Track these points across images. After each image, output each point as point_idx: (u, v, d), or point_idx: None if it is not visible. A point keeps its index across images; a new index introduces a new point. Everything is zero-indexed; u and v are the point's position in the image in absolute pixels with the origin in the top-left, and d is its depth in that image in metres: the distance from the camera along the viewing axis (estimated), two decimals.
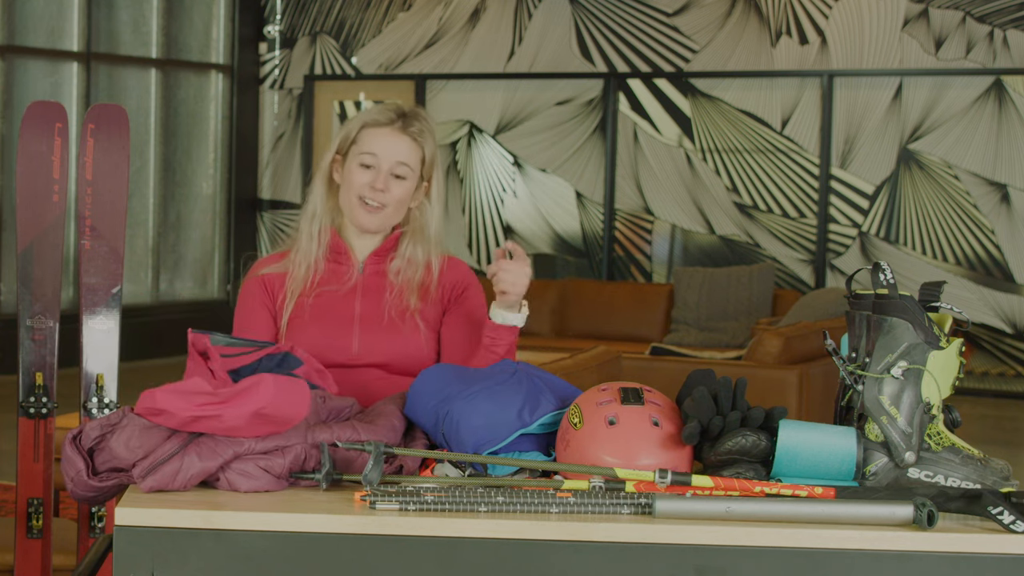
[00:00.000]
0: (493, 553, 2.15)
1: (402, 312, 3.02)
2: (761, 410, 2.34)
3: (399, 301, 3.03)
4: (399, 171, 3.00)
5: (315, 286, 3.05)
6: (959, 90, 10.19)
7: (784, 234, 10.68)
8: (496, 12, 11.51)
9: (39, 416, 3.46)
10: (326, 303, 3.02)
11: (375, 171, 3.00)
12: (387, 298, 3.02)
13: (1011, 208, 10.06)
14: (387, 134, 3.00)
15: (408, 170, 3.01)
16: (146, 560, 2.16)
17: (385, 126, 3.01)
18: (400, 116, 3.02)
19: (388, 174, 3.00)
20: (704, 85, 10.91)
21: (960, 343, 2.36)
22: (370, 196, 3.00)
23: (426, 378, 2.59)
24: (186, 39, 11.88)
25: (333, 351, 2.97)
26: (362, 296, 3.04)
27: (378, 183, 2.99)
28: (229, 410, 2.26)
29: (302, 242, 3.07)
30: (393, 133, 3.00)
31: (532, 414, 2.45)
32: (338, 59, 12.07)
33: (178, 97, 11.83)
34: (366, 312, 3.02)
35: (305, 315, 3.02)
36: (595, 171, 11.22)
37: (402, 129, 3.00)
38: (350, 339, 2.98)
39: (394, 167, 3.00)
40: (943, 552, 2.14)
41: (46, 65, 10.87)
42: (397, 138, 3.00)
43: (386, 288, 3.04)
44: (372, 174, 3.00)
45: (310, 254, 3.06)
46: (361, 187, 3.00)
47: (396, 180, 3.00)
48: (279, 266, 3.08)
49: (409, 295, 3.02)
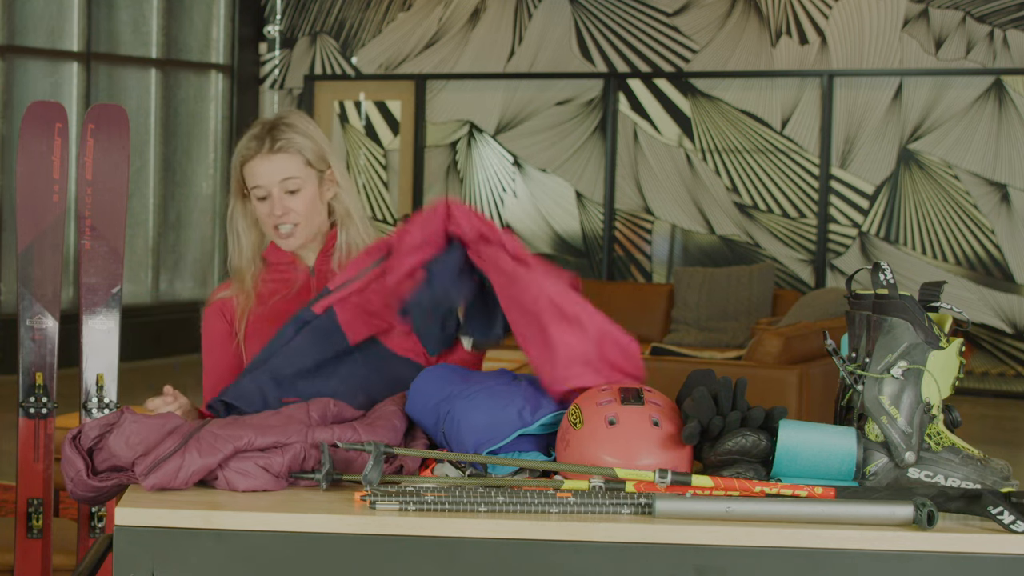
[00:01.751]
0: (493, 553, 2.15)
1: None
2: (761, 410, 2.34)
3: None
4: (289, 186, 3.01)
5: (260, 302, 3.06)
6: (959, 90, 10.19)
7: (784, 234, 10.68)
8: (496, 12, 11.51)
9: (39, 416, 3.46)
10: (280, 308, 3.03)
11: (270, 200, 3.01)
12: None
13: (1011, 208, 10.06)
14: (260, 162, 3.00)
15: (298, 180, 3.01)
16: (146, 560, 2.16)
17: (255, 156, 3.01)
18: (264, 138, 3.01)
19: (280, 196, 3.00)
20: (704, 85, 10.91)
21: (960, 343, 2.36)
22: (278, 222, 3.02)
23: (427, 378, 2.59)
24: (186, 39, 11.88)
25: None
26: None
27: (276, 209, 3.00)
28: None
29: (234, 279, 3.09)
30: (264, 159, 3.00)
31: (533, 414, 2.46)
32: (338, 59, 12.07)
33: (178, 97, 11.83)
34: None
35: (261, 324, 3.04)
36: (595, 171, 11.22)
37: (271, 151, 3.00)
38: None
39: (283, 186, 3.00)
40: (943, 552, 2.14)
41: (46, 65, 10.88)
42: (270, 161, 3.00)
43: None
44: (269, 203, 3.01)
45: (243, 283, 3.07)
46: (267, 219, 3.02)
47: (291, 196, 3.01)
48: (229, 291, 3.10)
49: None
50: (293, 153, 3.01)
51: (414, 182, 11.75)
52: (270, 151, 3.00)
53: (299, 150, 3.02)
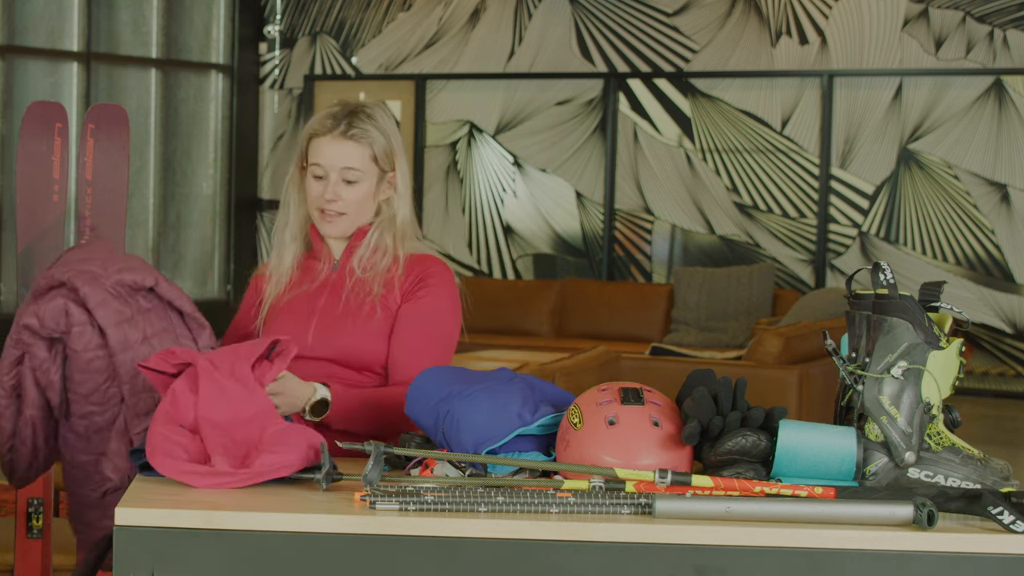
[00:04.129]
0: (493, 553, 2.15)
1: (361, 303, 3.02)
2: (761, 410, 2.34)
3: (361, 290, 3.03)
4: (348, 176, 3.01)
5: (292, 287, 3.09)
6: (959, 90, 10.19)
7: (784, 234, 10.68)
8: (496, 12, 11.51)
9: None
10: (297, 300, 3.07)
11: (325, 181, 3.01)
12: (347, 289, 3.04)
13: (1011, 208, 10.06)
14: (329, 142, 3.00)
15: (358, 173, 3.01)
16: (146, 560, 2.16)
17: (326, 134, 3.00)
18: (341, 120, 3.01)
19: (337, 182, 3.00)
20: (704, 85, 10.91)
21: (960, 343, 2.36)
22: (325, 206, 3.02)
23: (426, 378, 2.59)
24: (186, 39, 11.87)
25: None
26: (330, 291, 3.06)
27: (328, 193, 3.00)
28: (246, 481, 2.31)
29: (275, 251, 3.13)
30: (334, 140, 3.00)
31: (532, 414, 2.46)
32: (338, 59, 12.07)
33: (178, 97, 11.83)
34: (327, 306, 3.04)
35: (276, 312, 3.08)
36: (595, 171, 11.22)
37: (343, 134, 3.00)
38: (307, 332, 3.00)
39: (342, 174, 3.00)
40: (943, 552, 2.14)
41: (46, 65, 10.87)
42: (339, 144, 2.99)
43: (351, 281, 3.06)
44: (323, 185, 3.01)
45: (283, 260, 3.10)
46: (316, 199, 3.03)
47: (347, 186, 3.01)
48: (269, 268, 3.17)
49: (372, 282, 3.03)
50: (364, 144, 3.00)
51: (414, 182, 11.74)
52: (342, 135, 3.00)
53: (370, 143, 3.01)
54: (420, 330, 3.02)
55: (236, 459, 2.32)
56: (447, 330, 3.08)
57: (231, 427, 2.37)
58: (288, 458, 2.31)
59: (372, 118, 3.02)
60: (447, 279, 3.08)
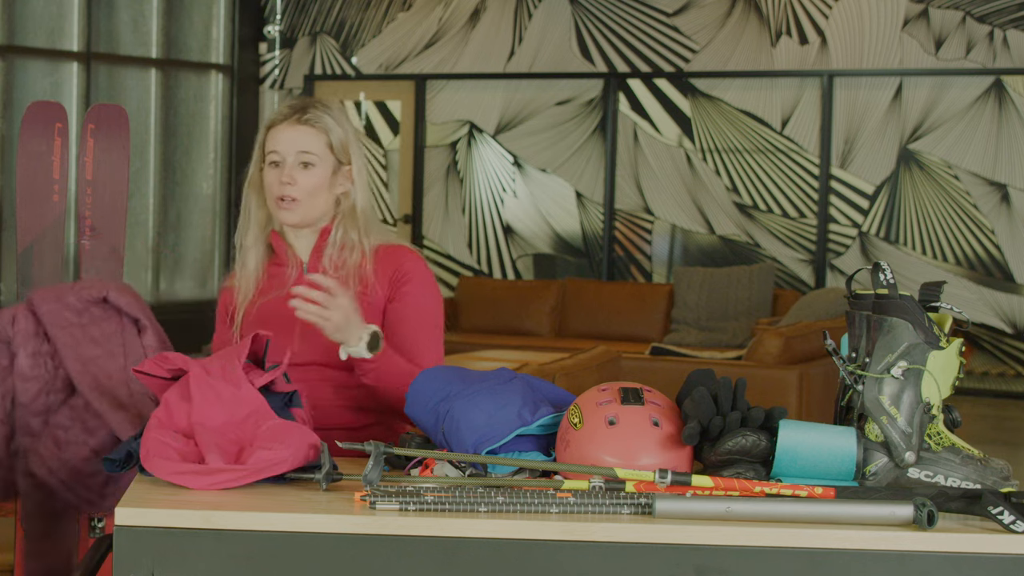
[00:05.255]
0: (493, 553, 2.15)
1: None
2: (761, 410, 2.34)
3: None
4: (304, 159, 3.05)
5: (260, 294, 3.10)
6: (959, 90, 10.19)
7: (784, 234, 10.68)
8: (496, 12, 11.51)
9: None
10: (270, 307, 3.07)
11: (282, 167, 3.06)
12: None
13: (1011, 208, 10.06)
14: (285, 128, 3.06)
15: (314, 157, 3.05)
16: (146, 560, 2.16)
17: (283, 122, 3.06)
18: (297, 109, 3.08)
19: (294, 165, 3.04)
20: (704, 85, 10.91)
21: (960, 343, 2.36)
22: (280, 192, 3.05)
23: (426, 378, 2.59)
24: (186, 39, 11.87)
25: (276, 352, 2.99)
26: None
27: (283, 176, 3.04)
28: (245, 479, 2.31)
29: (239, 258, 3.15)
30: (291, 126, 3.05)
31: (532, 414, 2.46)
32: (338, 59, 12.07)
33: (178, 97, 11.83)
34: None
35: (251, 321, 3.08)
36: (595, 171, 11.22)
37: (299, 120, 3.05)
38: (291, 338, 3.00)
39: (298, 157, 3.04)
40: (943, 552, 2.14)
41: (46, 65, 10.87)
42: (295, 129, 3.05)
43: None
44: (279, 171, 3.06)
45: (246, 267, 3.12)
46: (272, 186, 3.06)
47: (303, 170, 3.05)
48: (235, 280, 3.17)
49: (347, 280, 3.03)
50: (319, 131, 3.06)
51: (414, 182, 11.75)
52: (298, 121, 3.05)
53: (326, 130, 3.06)
54: (415, 323, 3.04)
55: (230, 456, 2.32)
56: (437, 316, 3.12)
57: (226, 428, 2.37)
58: (283, 453, 2.31)
59: (328, 108, 3.09)
60: (425, 271, 3.11)
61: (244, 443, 2.35)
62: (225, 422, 2.37)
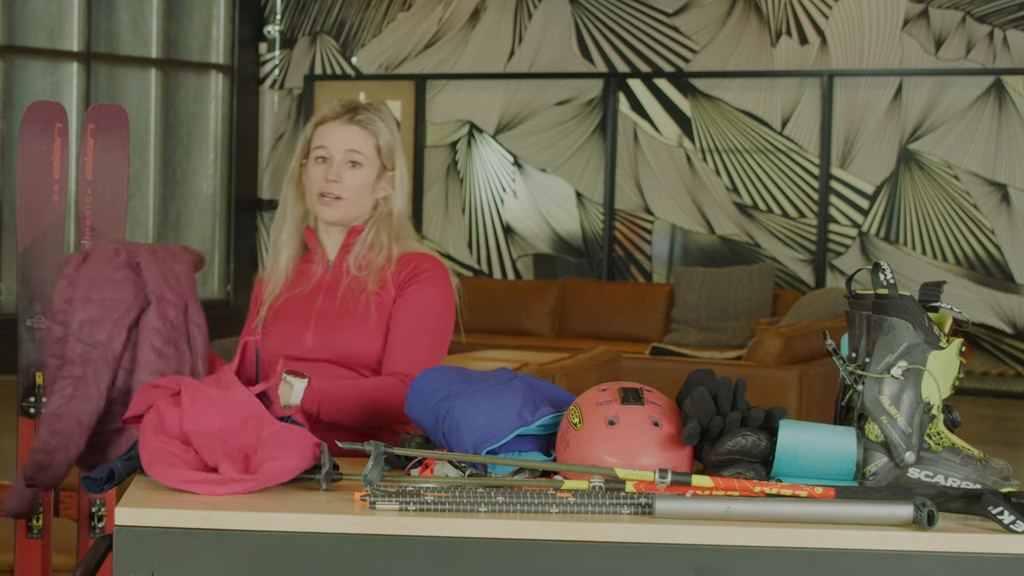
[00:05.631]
0: (493, 553, 2.15)
1: (356, 302, 3.05)
2: (761, 410, 2.34)
3: (356, 288, 3.07)
4: (353, 158, 3.07)
5: (287, 289, 3.13)
6: (959, 90, 10.19)
7: (784, 234, 10.68)
8: (496, 12, 11.51)
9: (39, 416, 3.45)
10: (293, 302, 3.10)
11: (329, 163, 3.08)
12: (342, 288, 3.08)
13: (1011, 208, 10.06)
14: (336, 126, 3.08)
15: (362, 157, 3.08)
16: (146, 560, 2.16)
17: (334, 119, 3.09)
18: (349, 109, 3.10)
19: (341, 164, 3.07)
20: (704, 85, 10.91)
21: (960, 343, 2.36)
22: (326, 188, 3.07)
23: (426, 378, 2.59)
24: (186, 39, 11.87)
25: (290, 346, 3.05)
26: (325, 293, 3.10)
27: (330, 174, 3.06)
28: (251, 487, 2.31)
29: (271, 253, 3.19)
30: (341, 124, 3.08)
31: (532, 414, 2.46)
32: (338, 59, 12.07)
33: (178, 97, 11.83)
34: (324, 307, 3.08)
35: (273, 315, 3.12)
36: (595, 171, 11.22)
37: (350, 120, 3.08)
38: (305, 334, 3.05)
39: (346, 155, 3.07)
40: (943, 552, 2.14)
41: (46, 65, 10.87)
42: (345, 128, 3.08)
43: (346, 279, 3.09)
44: (326, 167, 3.08)
45: (278, 261, 3.16)
46: (317, 181, 3.08)
47: (350, 168, 3.07)
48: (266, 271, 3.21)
49: (367, 280, 3.06)
50: (370, 133, 3.09)
51: (414, 182, 11.76)
52: (350, 120, 3.08)
53: (376, 133, 3.09)
54: (411, 323, 3.05)
55: (239, 464, 2.32)
56: (438, 323, 3.10)
57: (224, 434, 2.37)
58: (291, 463, 2.31)
59: (380, 112, 3.12)
60: (438, 274, 3.11)
61: (248, 450, 2.35)
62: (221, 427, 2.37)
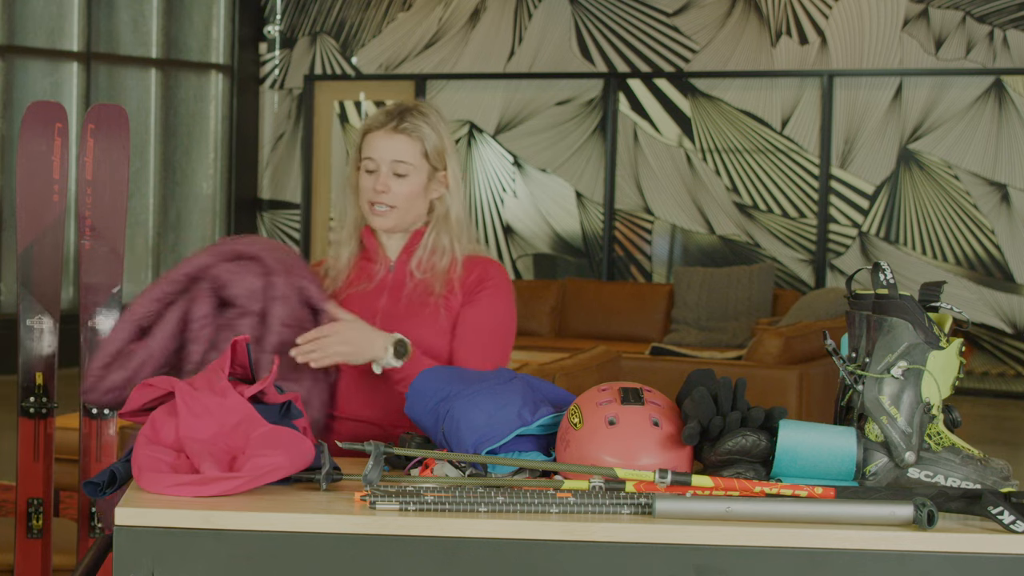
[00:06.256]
0: (493, 553, 2.15)
1: (423, 303, 3.05)
2: (761, 410, 2.34)
3: (422, 290, 3.06)
4: (399, 169, 3.06)
5: (347, 286, 3.13)
6: (959, 90, 10.19)
7: (784, 234, 10.68)
8: (496, 12, 11.51)
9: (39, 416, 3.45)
10: (354, 301, 3.09)
11: (376, 174, 3.07)
12: (407, 290, 3.07)
13: (1011, 208, 10.06)
14: (381, 136, 3.07)
15: (409, 167, 3.06)
16: (146, 560, 2.16)
17: (379, 129, 3.08)
18: (394, 116, 3.08)
19: (388, 174, 3.06)
20: (704, 85, 10.91)
21: (960, 343, 2.36)
22: (375, 198, 3.07)
23: (426, 378, 2.59)
24: (186, 39, 11.88)
25: None
26: (389, 292, 3.09)
27: (378, 185, 3.06)
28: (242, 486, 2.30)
29: (333, 248, 3.19)
30: (387, 134, 3.07)
31: (532, 414, 2.46)
32: (338, 59, 12.07)
33: (178, 97, 11.83)
34: (388, 307, 3.07)
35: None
36: (595, 171, 11.22)
37: (395, 128, 3.06)
38: None
39: (393, 167, 3.06)
40: (943, 552, 2.14)
41: (46, 65, 10.87)
42: (391, 138, 3.06)
43: (411, 282, 3.09)
44: (374, 178, 3.07)
45: (339, 259, 3.16)
46: (366, 192, 3.08)
47: (397, 179, 3.06)
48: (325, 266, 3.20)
49: (433, 283, 3.06)
50: (414, 139, 3.07)
51: None
52: (394, 129, 3.07)
53: (421, 138, 3.07)
54: (482, 331, 3.06)
55: (223, 464, 2.31)
56: (506, 330, 3.12)
57: (217, 439, 2.36)
58: (276, 460, 2.30)
59: (425, 115, 3.09)
60: (504, 281, 3.12)
61: (236, 451, 2.34)
62: (215, 433, 2.36)
